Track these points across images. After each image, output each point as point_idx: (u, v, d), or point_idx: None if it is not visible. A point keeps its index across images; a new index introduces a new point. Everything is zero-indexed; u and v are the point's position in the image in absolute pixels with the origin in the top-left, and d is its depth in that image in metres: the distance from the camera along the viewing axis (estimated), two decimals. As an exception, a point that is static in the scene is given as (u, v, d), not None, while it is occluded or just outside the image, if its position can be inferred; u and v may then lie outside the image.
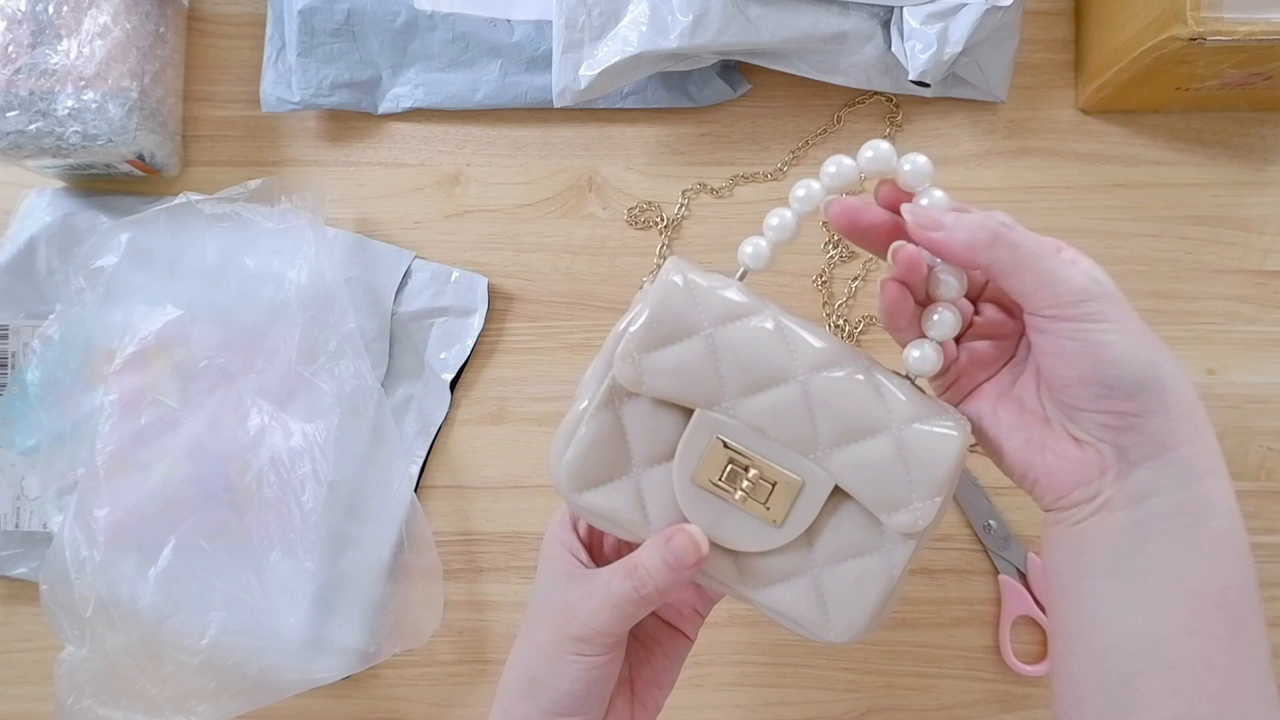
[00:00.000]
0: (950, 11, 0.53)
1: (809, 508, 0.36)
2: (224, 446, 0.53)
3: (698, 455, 0.36)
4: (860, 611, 0.37)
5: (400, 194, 0.59)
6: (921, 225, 0.35)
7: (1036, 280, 0.34)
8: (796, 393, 0.36)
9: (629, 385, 0.36)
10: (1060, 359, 0.34)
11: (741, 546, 0.37)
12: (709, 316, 0.36)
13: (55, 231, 0.57)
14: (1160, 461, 0.33)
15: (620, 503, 0.37)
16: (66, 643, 0.51)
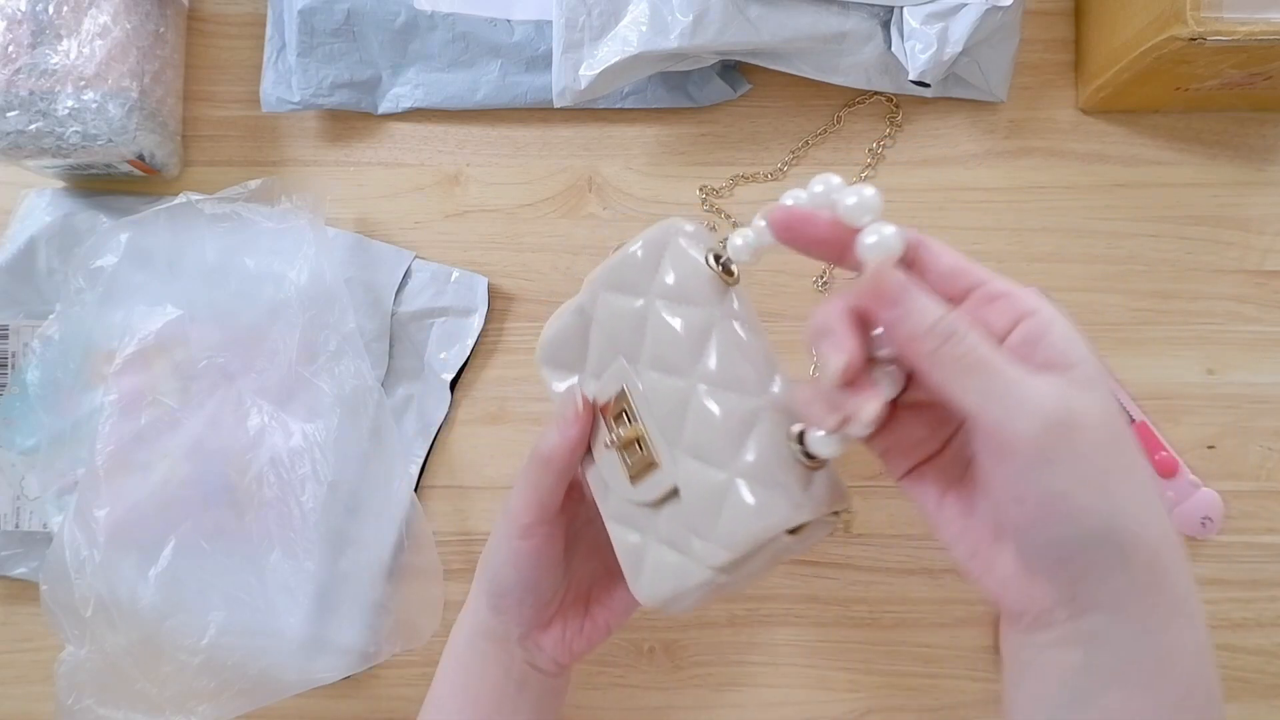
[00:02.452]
0: (950, 11, 0.53)
1: (655, 488, 0.38)
2: (224, 446, 0.53)
3: (609, 392, 0.40)
4: (661, 593, 0.39)
5: (400, 194, 0.59)
6: (879, 291, 0.30)
7: (980, 404, 0.28)
8: (684, 391, 0.37)
9: (587, 306, 0.41)
10: (1008, 498, 0.30)
11: (609, 482, 0.40)
12: (658, 287, 0.38)
13: (55, 231, 0.57)
14: (1120, 615, 0.29)
15: (562, 392, 0.42)
16: (66, 643, 0.51)
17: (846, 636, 0.56)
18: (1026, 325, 0.30)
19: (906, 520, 0.56)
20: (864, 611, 0.56)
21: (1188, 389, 0.56)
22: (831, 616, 0.56)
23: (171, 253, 0.55)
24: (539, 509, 0.41)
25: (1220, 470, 0.55)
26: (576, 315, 0.41)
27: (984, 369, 0.28)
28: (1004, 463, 0.29)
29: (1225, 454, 0.56)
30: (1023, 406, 0.28)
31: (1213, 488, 0.55)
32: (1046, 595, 0.30)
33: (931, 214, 0.58)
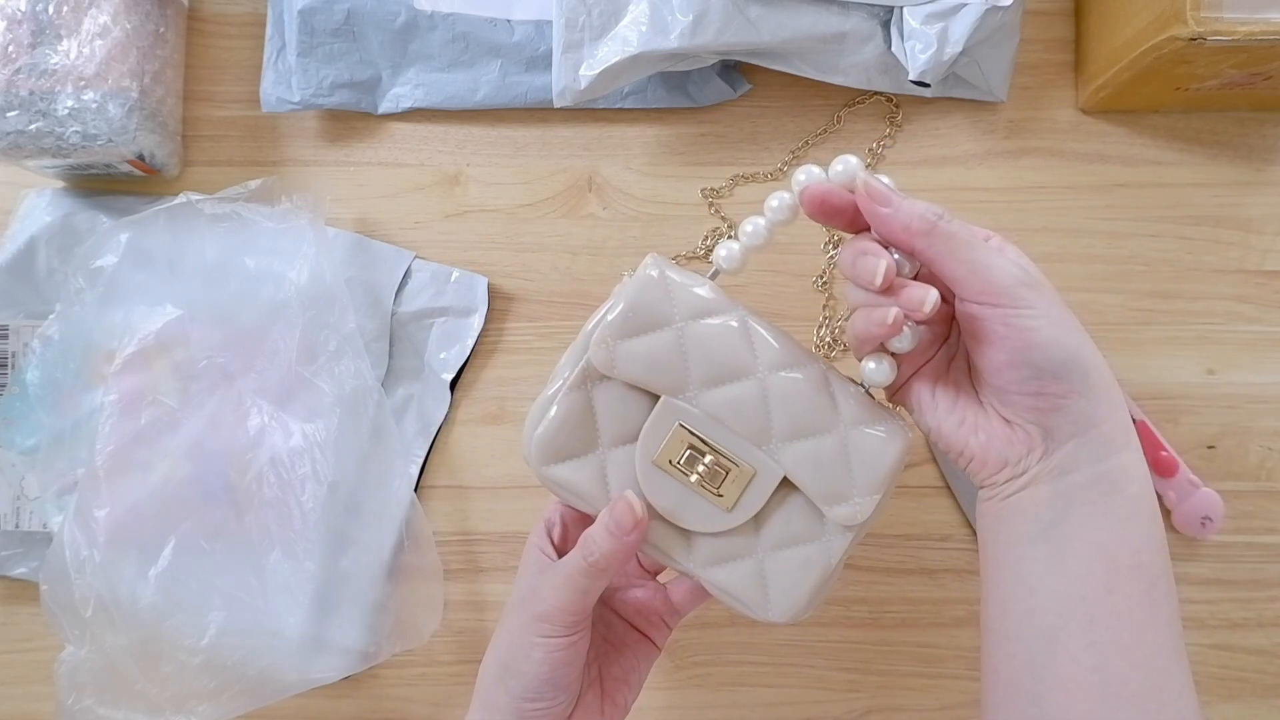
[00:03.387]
0: (950, 11, 0.53)
1: (758, 495, 0.39)
2: (224, 446, 0.53)
3: (661, 438, 0.39)
4: (798, 595, 0.40)
5: (400, 194, 0.59)
6: (872, 198, 0.37)
7: (968, 268, 0.36)
8: (755, 389, 0.39)
9: (602, 368, 0.39)
10: (991, 344, 0.36)
11: (694, 527, 0.40)
12: (680, 311, 0.39)
13: (55, 231, 0.57)
14: (1083, 439, 0.36)
15: (584, 478, 0.40)
16: (66, 643, 0.51)
17: (846, 636, 0.56)
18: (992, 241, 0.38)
19: (906, 520, 0.56)
20: (864, 611, 0.56)
21: (1188, 389, 0.56)
22: (831, 616, 0.56)
23: (171, 253, 0.55)
24: (582, 612, 0.40)
25: (1220, 470, 0.55)
26: (574, 392, 0.40)
27: (969, 243, 0.36)
28: (993, 313, 0.36)
29: (1225, 454, 0.56)
30: (1003, 267, 0.36)
31: (1213, 488, 0.55)
32: (1024, 441, 0.37)
33: (931, 214, 0.58)
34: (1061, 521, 0.36)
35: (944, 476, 0.56)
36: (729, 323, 0.39)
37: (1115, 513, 0.36)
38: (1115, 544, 0.36)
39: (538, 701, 0.40)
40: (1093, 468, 0.36)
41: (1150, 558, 0.36)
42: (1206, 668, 0.55)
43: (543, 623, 0.39)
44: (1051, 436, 0.37)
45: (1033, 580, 0.37)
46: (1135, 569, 0.35)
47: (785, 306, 0.58)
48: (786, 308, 0.58)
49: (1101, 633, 0.35)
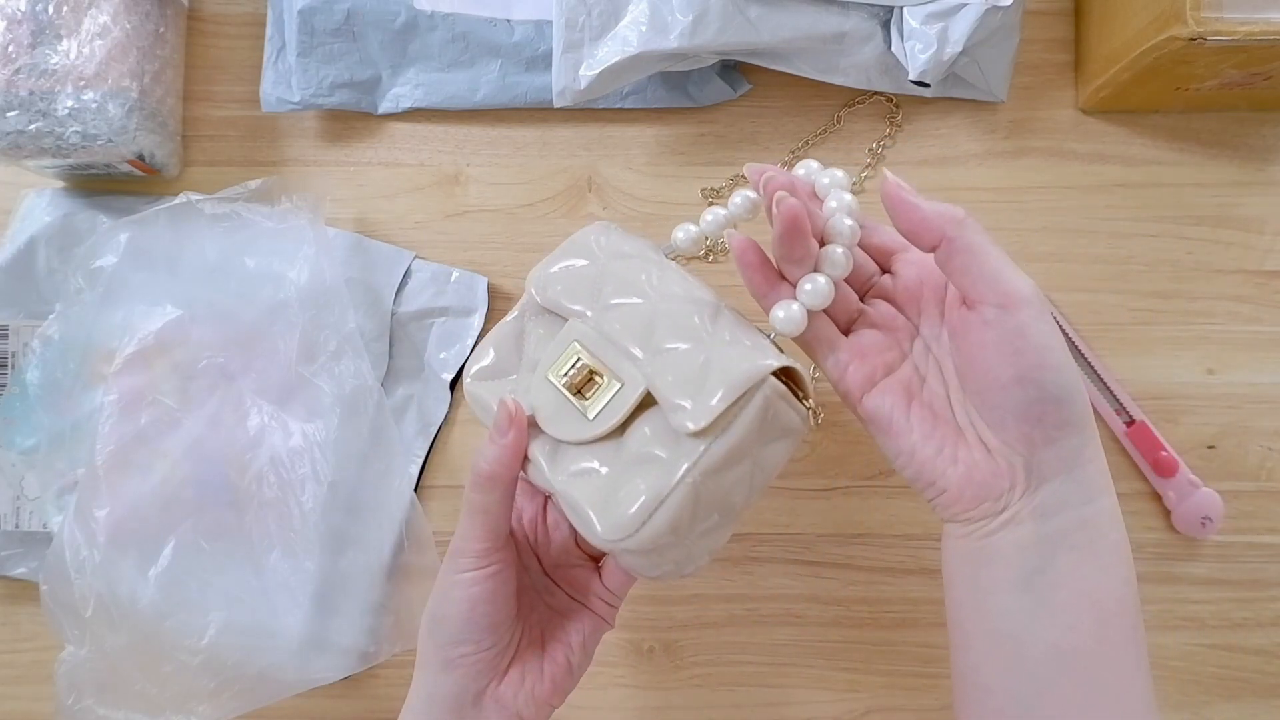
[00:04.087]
0: (950, 11, 0.53)
1: (620, 406, 0.39)
2: (224, 446, 0.53)
3: (557, 354, 0.41)
4: (626, 513, 0.37)
5: (400, 194, 0.59)
6: (901, 188, 0.36)
7: (994, 270, 0.35)
8: (647, 307, 0.40)
9: (534, 289, 0.42)
10: (1001, 355, 0.34)
11: (559, 434, 0.40)
12: (607, 251, 0.43)
13: (55, 231, 0.57)
14: (1068, 478, 0.35)
15: (494, 394, 0.42)
16: (66, 643, 0.51)
17: (846, 636, 0.56)
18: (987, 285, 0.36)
19: (906, 520, 0.56)
20: (864, 611, 0.56)
21: (1188, 389, 0.56)
22: (831, 616, 0.56)
23: (171, 253, 0.55)
24: (491, 535, 0.39)
25: (1220, 470, 0.55)
26: (513, 321, 0.44)
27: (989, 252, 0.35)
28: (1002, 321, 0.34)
29: (1225, 454, 0.56)
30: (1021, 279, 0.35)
31: (1213, 488, 0.55)
32: (1007, 474, 0.35)
33: (931, 214, 0.58)
34: (1047, 568, 0.35)
35: (944, 476, 0.56)
36: (647, 261, 0.42)
37: (1101, 559, 0.35)
38: (1102, 592, 0.35)
39: (462, 646, 0.39)
40: (1078, 511, 0.35)
41: (1131, 600, 0.35)
42: (1206, 668, 0.55)
43: (457, 558, 0.39)
44: (1035, 472, 0.35)
45: (1019, 632, 0.35)
46: (1121, 615, 0.35)
47: (785, 306, 0.58)
48: (786, 308, 0.58)
49: (1094, 683, 0.34)
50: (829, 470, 0.57)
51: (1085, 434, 0.35)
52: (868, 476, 0.56)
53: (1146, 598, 0.55)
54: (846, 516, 0.56)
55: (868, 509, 0.56)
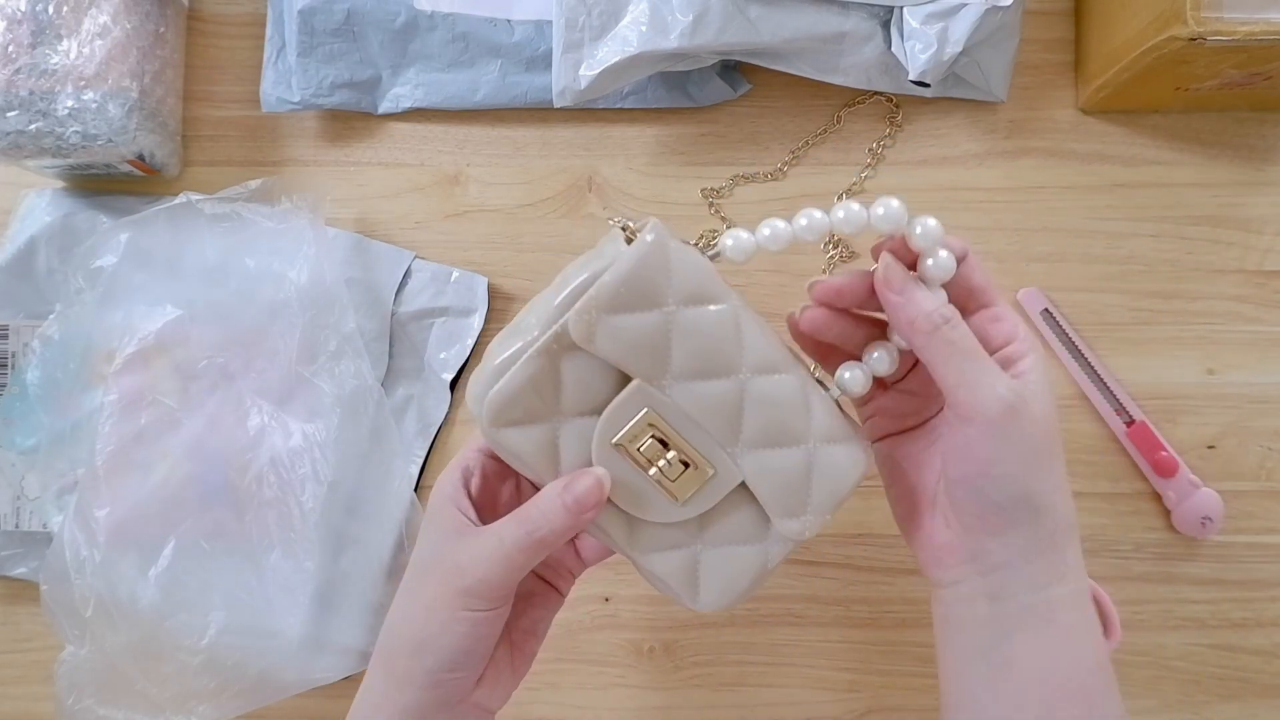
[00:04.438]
0: (950, 11, 0.53)
1: (712, 495, 0.39)
2: (224, 446, 0.53)
3: (626, 421, 0.37)
4: (728, 592, 0.39)
5: (400, 194, 0.59)
6: (888, 281, 0.37)
7: (957, 380, 0.36)
8: (734, 389, 0.38)
9: (580, 341, 0.36)
10: (957, 456, 0.37)
11: (644, 515, 0.39)
12: (676, 294, 0.36)
13: (55, 231, 0.57)
14: (1016, 570, 0.36)
15: (536, 447, 0.37)
16: (66, 643, 0.51)
17: (846, 636, 0.56)
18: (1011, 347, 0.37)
19: (906, 520, 0.56)
20: (864, 611, 0.56)
21: (1188, 389, 0.56)
22: (831, 616, 0.56)
23: (171, 253, 0.55)
24: (513, 585, 0.38)
25: (1220, 470, 0.55)
26: (542, 357, 0.36)
27: (965, 355, 0.36)
28: (965, 429, 0.36)
29: (1225, 454, 0.56)
30: (990, 390, 0.35)
31: (1213, 488, 0.55)
32: (960, 553, 0.37)
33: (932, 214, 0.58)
34: (999, 645, 0.36)
35: (944, 476, 0.56)
36: (722, 314, 0.37)
37: (1049, 642, 0.36)
38: (1051, 672, 0.36)
39: (456, 672, 0.38)
40: (1027, 597, 0.36)
41: (1088, 679, 0.36)
42: (1206, 668, 0.55)
43: (470, 598, 0.37)
44: (983, 558, 0.37)
45: (978, 696, 0.37)
46: (1072, 695, 0.36)
47: (785, 306, 0.57)
48: (786, 307, 0.57)
49: None
50: (829, 470, 0.57)
51: (1036, 537, 0.36)
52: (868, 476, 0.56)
53: (1146, 598, 0.55)
54: (846, 516, 0.56)
55: (868, 509, 0.56)
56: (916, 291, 0.37)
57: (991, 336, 0.38)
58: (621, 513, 0.39)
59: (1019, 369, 0.36)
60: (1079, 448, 0.56)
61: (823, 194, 0.58)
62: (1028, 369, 0.36)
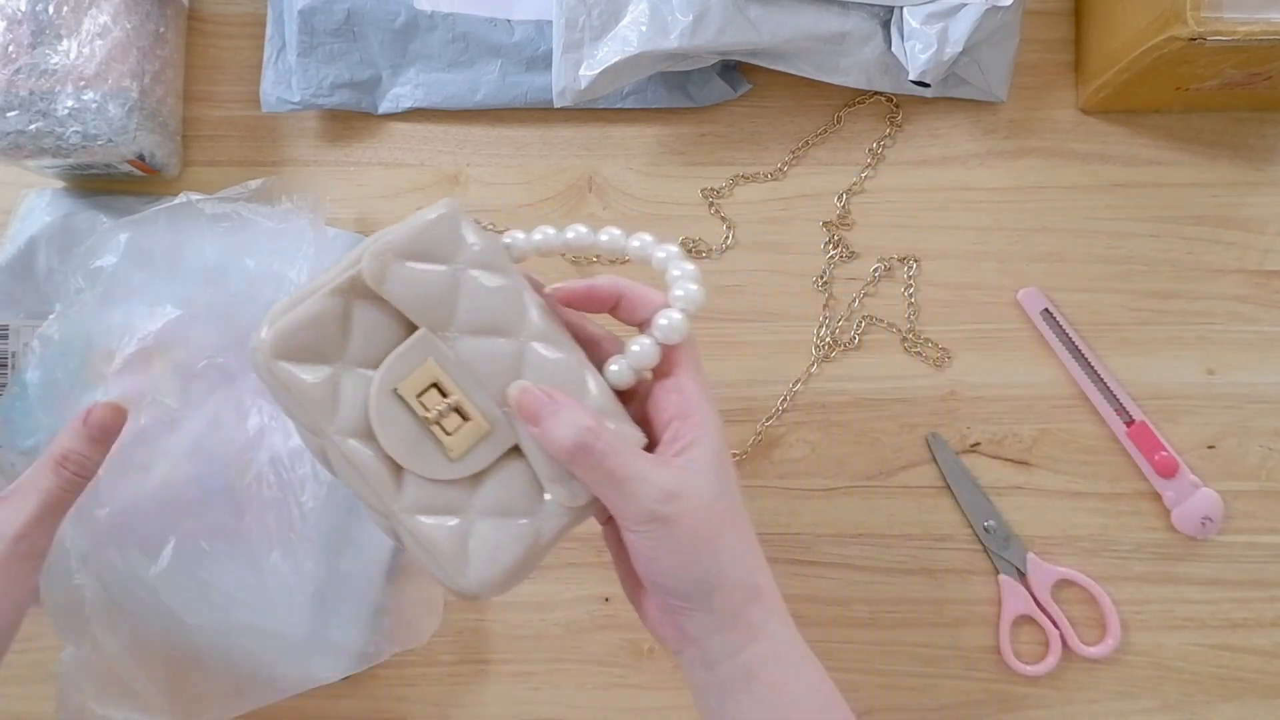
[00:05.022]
0: (950, 11, 0.53)
1: (487, 454, 0.38)
2: (224, 447, 0.53)
3: (409, 369, 0.37)
4: (498, 567, 0.38)
5: (400, 194, 0.59)
6: (524, 416, 0.38)
7: (613, 494, 0.37)
8: (515, 350, 0.38)
9: (370, 279, 0.37)
10: (630, 551, 0.38)
11: (414, 468, 0.38)
12: (466, 256, 0.38)
13: (55, 231, 0.57)
14: (710, 642, 0.38)
15: (317, 385, 0.37)
16: (67, 644, 0.51)
17: (846, 636, 0.56)
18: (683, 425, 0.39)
19: (906, 520, 0.56)
20: (864, 611, 0.56)
21: (1188, 389, 0.56)
22: (831, 616, 0.56)
23: (171, 253, 0.55)
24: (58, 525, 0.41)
25: (1220, 470, 0.55)
26: (335, 297, 0.37)
27: (608, 475, 0.36)
28: (626, 533, 0.38)
29: (1225, 454, 0.56)
30: (639, 504, 0.36)
31: (1213, 488, 0.55)
32: (672, 631, 0.39)
33: (931, 214, 0.58)
34: (723, 707, 0.39)
35: (944, 476, 0.56)
36: (507, 283, 0.39)
37: (755, 700, 0.38)
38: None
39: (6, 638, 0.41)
40: (732, 661, 0.38)
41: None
42: (1206, 668, 0.55)
43: (27, 559, 0.40)
44: (685, 634, 0.39)
45: None
46: None
47: (785, 306, 0.58)
48: (786, 307, 0.58)
49: None
50: (829, 470, 0.57)
51: (715, 614, 0.38)
52: (868, 476, 0.56)
53: (1146, 598, 0.55)
54: (846, 516, 0.56)
55: (868, 509, 0.56)
56: (551, 419, 0.37)
57: (664, 408, 0.39)
58: (393, 468, 0.38)
59: (684, 449, 0.38)
60: (1079, 448, 0.56)
61: (823, 193, 0.58)
62: (691, 451, 0.38)
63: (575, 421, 0.36)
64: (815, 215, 0.58)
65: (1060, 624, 0.54)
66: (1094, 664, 0.55)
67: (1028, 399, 0.57)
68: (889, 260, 0.58)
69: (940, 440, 0.56)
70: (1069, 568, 0.55)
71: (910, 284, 0.58)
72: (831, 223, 0.58)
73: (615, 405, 0.39)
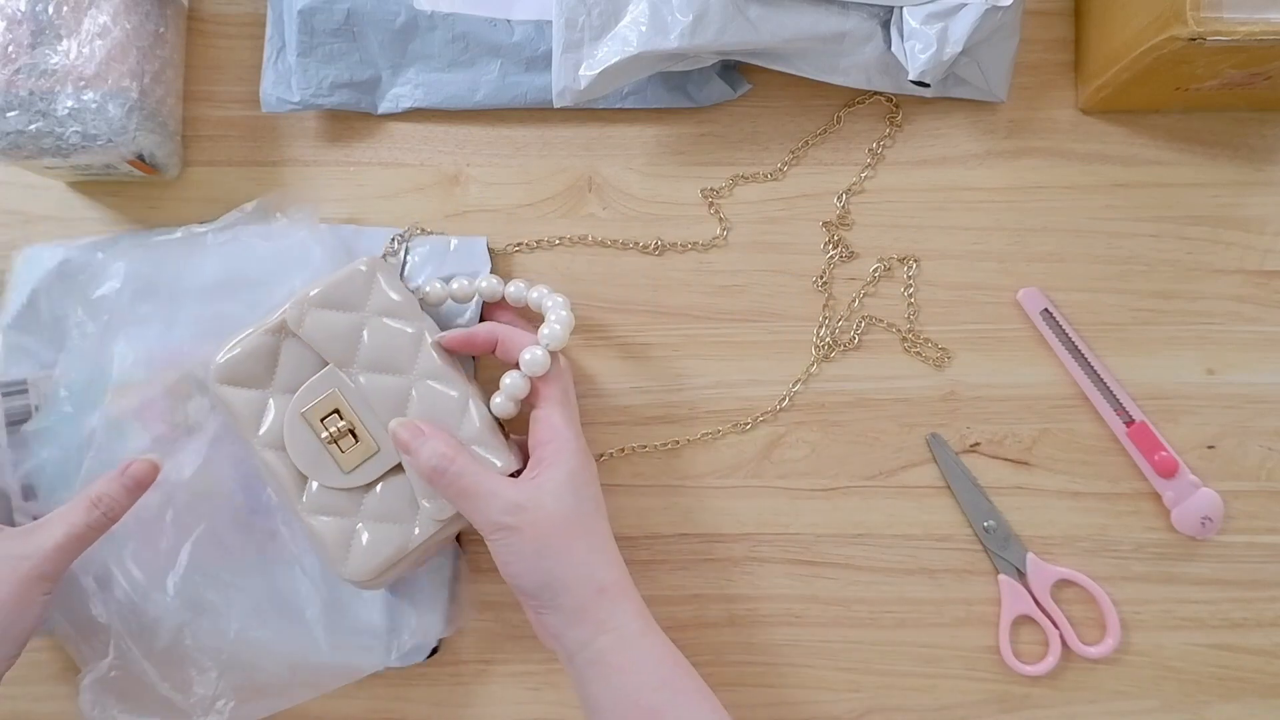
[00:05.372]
0: (950, 11, 0.53)
1: (375, 469, 0.48)
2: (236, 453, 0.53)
3: (315, 397, 0.48)
4: (371, 563, 0.48)
5: (400, 194, 0.59)
6: (398, 445, 0.47)
7: (467, 506, 0.46)
8: (405, 385, 0.48)
9: (292, 324, 0.48)
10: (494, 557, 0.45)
11: (315, 477, 0.48)
12: (373, 306, 0.49)
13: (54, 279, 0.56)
14: (567, 636, 0.45)
15: (248, 406, 0.48)
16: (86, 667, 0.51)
17: (846, 636, 0.56)
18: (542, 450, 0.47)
19: (906, 520, 0.56)
20: (864, 611, 0.56)
21: (1188, 389, 0.56)
22: (831, 616, 0.56)
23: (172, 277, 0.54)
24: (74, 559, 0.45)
25: (1220, 470, 0.56)
26: (269, 335, 0.48)
27: (462, 492, 0.45)
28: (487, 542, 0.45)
29: (1225, 454, 0.56)
30: (486, 516, 0.45)
31: (1213, 488, 0.55)
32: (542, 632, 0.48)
33: (931, 214, 0.58)
34: (585, 696, 0.45)
35: (944, 476, 0.56)
36: (405, 329, 0.49)
37: (607, 683, 0.44)
38: (615, 704, 0.44)
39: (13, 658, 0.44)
40: (584, 652, 0.44)
41: (652, 697, 0.44)
42: (1206, 668, 0.55)
43: (45, 581, 0.44)
44: (548, 629, 0.45)
45: None
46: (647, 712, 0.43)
47: (785, 306, 0.58)
48: (787, 307, 0.58)
49: None
50: (829, 470, 0.57)
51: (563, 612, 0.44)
52: (868, 476, 0.56)
53: (1146, 598, 0.55)
54: (846, 516, 0.56)
55: (868, 509, 0.56)
56: (419, 447, 0.46)
57: (534, 435, 0.48)
58: (299, 476, 0.48)
59: (541, 471, 0.46)
60: (1079, 448, 0.56)
61: (822, 193, 0.58)
62: (547, 472, 0.46)
63: (435, 450, 0.46)
64: (815, 215, 0.58)
65: (1060, 624, 0.54)
66: (1094, 664, 0.55)
67: (1028, 399, 0.57)
68: (889, 260, 0.58)
69: (940, 440, 0.56)
70: (1069, 568, 0.55)
71: (910, 284, 0.58)
72: (831, 223, 0.58)
73: (493, 433, 0.48)
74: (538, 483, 0.45)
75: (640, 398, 0.57)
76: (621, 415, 0.57)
